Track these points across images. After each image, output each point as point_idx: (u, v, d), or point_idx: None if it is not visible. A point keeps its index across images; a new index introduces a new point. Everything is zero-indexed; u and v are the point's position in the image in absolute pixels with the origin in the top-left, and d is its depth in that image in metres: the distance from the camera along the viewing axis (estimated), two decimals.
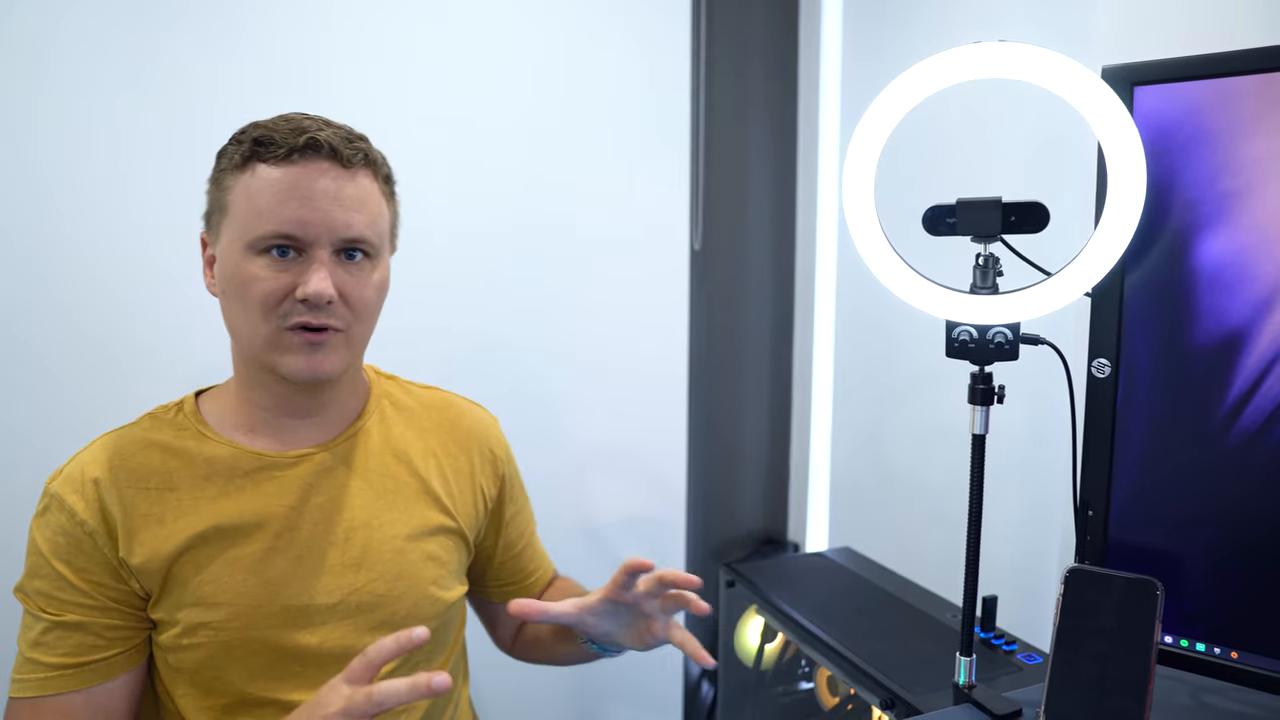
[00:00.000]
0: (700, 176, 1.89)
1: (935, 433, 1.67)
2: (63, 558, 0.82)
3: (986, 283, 0.84)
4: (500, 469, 1.04)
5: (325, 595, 0.87)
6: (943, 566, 1.55)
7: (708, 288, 1.94)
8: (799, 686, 1.40)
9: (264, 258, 0.81)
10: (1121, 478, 0.86)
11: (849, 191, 0.85)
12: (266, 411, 0.89)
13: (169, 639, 0.84)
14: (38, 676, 0.81)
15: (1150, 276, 0.82)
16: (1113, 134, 0.74)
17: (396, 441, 0.96)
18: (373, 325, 0.89)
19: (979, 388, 0.87)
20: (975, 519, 0.89)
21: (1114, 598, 0.80)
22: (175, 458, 0.86)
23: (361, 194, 0.83)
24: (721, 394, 2.01)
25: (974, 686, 0.90)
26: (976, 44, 0.78)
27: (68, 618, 0.82)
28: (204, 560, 0.84)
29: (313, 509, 0.88)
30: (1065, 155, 1.32)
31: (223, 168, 0.84)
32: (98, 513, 0.83)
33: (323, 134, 0.81)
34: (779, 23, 1.97)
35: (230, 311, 0.85)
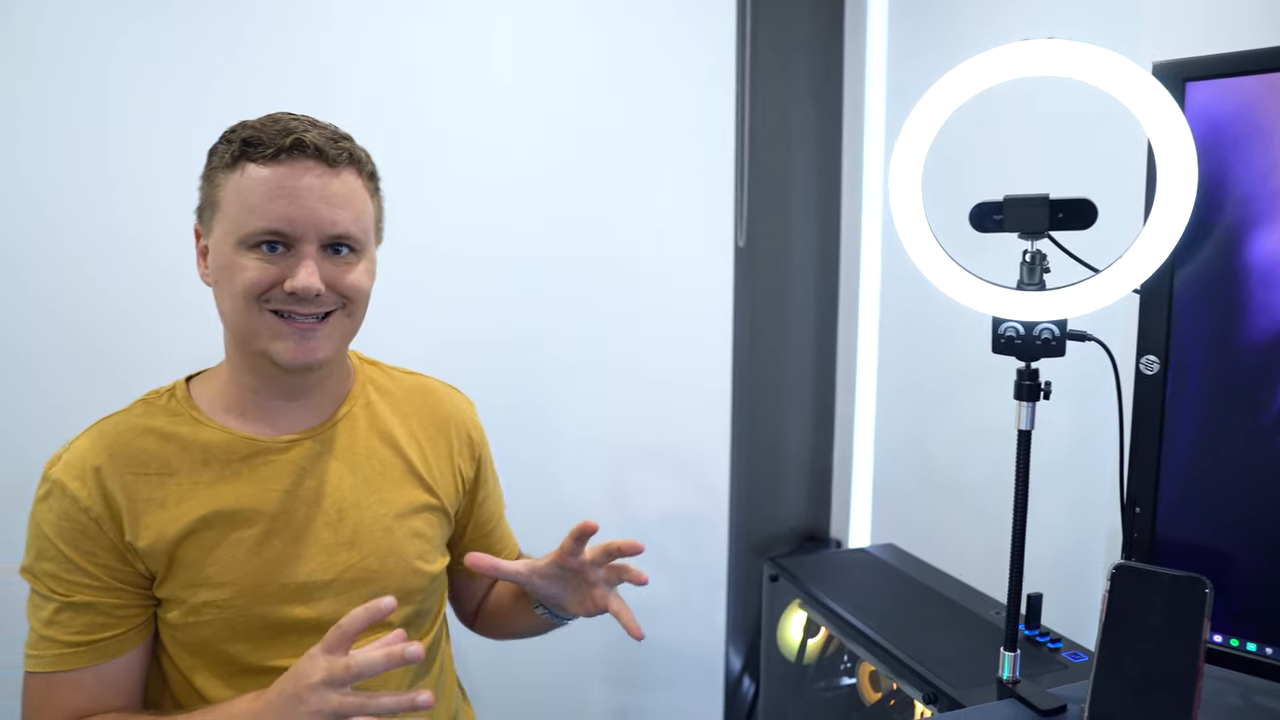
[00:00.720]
0: (745, 174, 1.89)
1: (979, 430, 1.66)
2: (69, 541, 0.85)
3: (1033, 279, 0.84)
4: (476, 451, 1.08)
5: (321, 573, 0.91)
6: (985, 564, 1.54)
7: (752, 285, 1.95)
8: (841, 682, 1.40)
9: (254, 253, 0.84)
10: (1170, 475, 0.85)
11: (896, 188, 0.86)
12: (257, 395, 0.92)
13: (176, 617, 0.88)
14: (53, 653, 0.85)
15: (1200, 273, 0.82)
16: (1164, 130, 0.74)
17: (381, 425, 1.00)
18: (361, 315, 0.92)
19: (1025, 384, 0.87)
20: (1021, 515, 0.90)
21: (1161, 595, 0.80)
22: (171, 443, 0.90)
23: (346, 191, 0.87)
24: (765, 390, 2.01)
25: (1018, 682, 0.91)
26: (1025, 41, 0.78)
27: (77, 598, 0.85)
28: (207, 543, 0.88)
29: (306, 492, 0.92)
30: (1110, 151, 1.31)
31: (214, 165, 0.88)
32: (100, 498, 0.86)
33: (309, 135, 0.84)
34: (824, 20, 1.97)
35: (221, 300, 0.88)
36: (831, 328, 2.06)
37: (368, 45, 1.48)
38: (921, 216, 0.86)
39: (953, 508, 1.73)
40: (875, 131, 1.92)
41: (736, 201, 1.87)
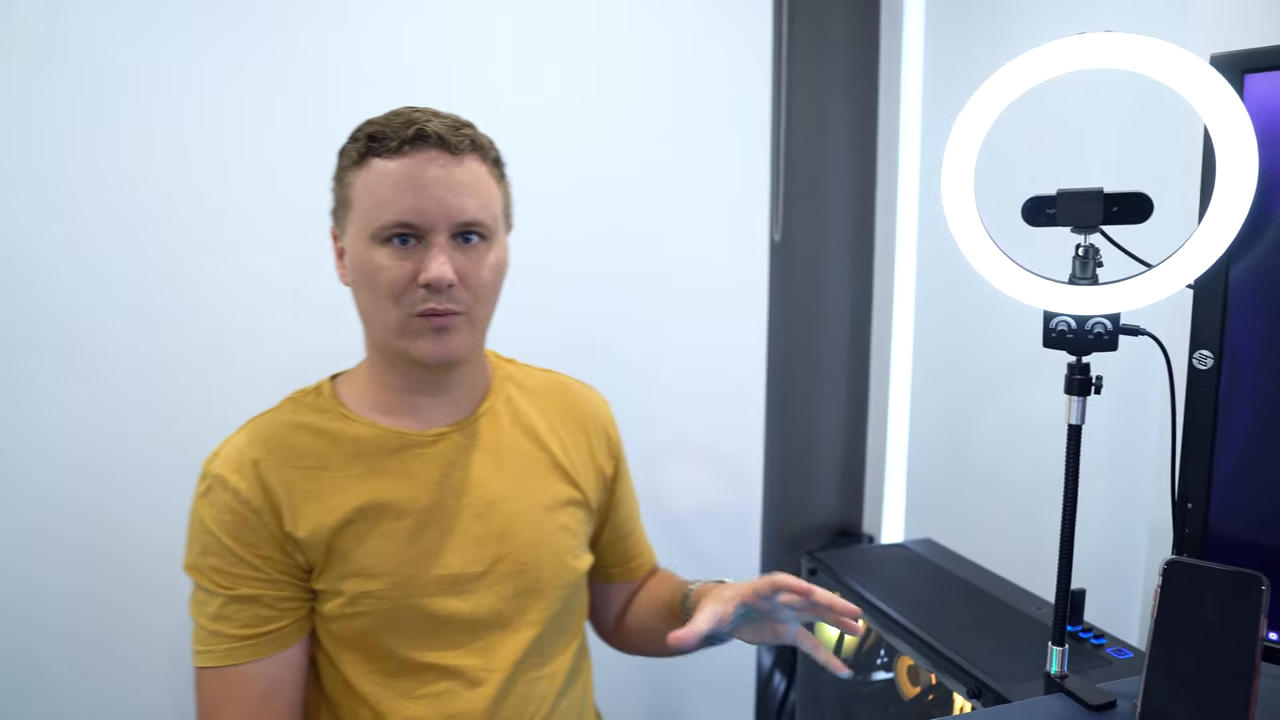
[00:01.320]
0: (781, 169, 1.89)
1: (1016, 426, 1.65)
2: (231, 534, 0.87)
3: (1086, 273, 0.84)
4: (614, 449, 1.09)
5: (473, 565, 0.93)
6: (1022, 560, 1.53)
7: (787, 280, 1.95)
8: (879, 676, 1.40)
9: (386, 247, 0.86)
10: (1223, 470, 0.85)
11: (949, 183, 0.86)
12: (401, 392, 0.94)
13: (333, 609, 0.90)
14: (223, 647, 0.87)
15: (1257, 267, 0.81)
16: (1224, 123, 0.74)
17: (523, 420, 1.01)
18: (493, 305, 0.94)
19: (1076, 378, 0.87)
20: (1070, 509, 0.89)
21: (1215, 591, 0.79)
22: (323, 438, 0.92)
23: (471, 179, 0.88)
24: (799, 385, 2.01)
25: (1066, 677, 0.90)
26: (1083, 34, 0.78)
27: (241, 591, 0.87)
28: (363, 534, 0.89)
29: (454, 484, 0.94)
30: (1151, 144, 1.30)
31: (343, 165, 0.90)
32: (260, 491, 0.88)
33: (430, 125, 0.85)
34: (860, 15, 1.96)
35: (361, 300, 0.91)
36: (866, 323, 2.06)
37: (409, 46, 1.49)
38: (974, 211, 0.86)
39: (989, 503, 1.72)
40: (911, 126, 1.92)
41: (772, 197, 1.87)
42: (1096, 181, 0.83)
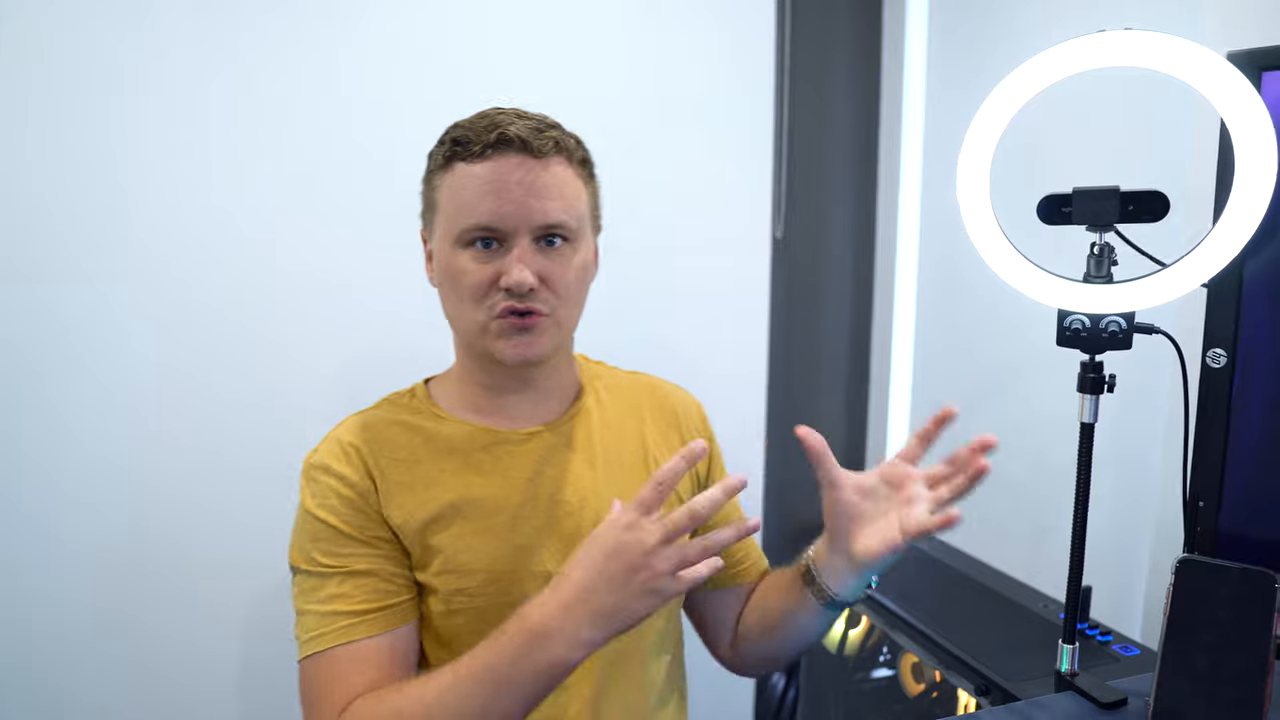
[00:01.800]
0: (784, 165, 1.89)
1: (1018, 423, 1.65)
2: (341, 516, 0.88)
3: (1101, 272, 0.84)
4: (709, 449, 1.06)
5: (568, 563, 0.89)
6: (1026, 557, 1.54)
7: (789, 276, 1.95)
8: (882, 673, 1.41)
9: (470, 250, 0.87)
10: (1235, 469, 0.85)
11: (964, 181, 0.86)
12: (490, 391, 0.95)
13: (431, 606, 0.89)
14: (340, 625, 0.84)
15: (1271, 266, 0.81)
16: (1243, 121, 0.74)
17: (615, 420, 1.01)
18: (579, 306, 0.94)
19: (1090, 376, 0.87)
20: (1082, 507, 0.90)
21: (1228, 589, 0.80)
22: (417, 435, 0.93)
23: (555, 181, 0.87)
24: (799, 382, 2.01)
25: (1076, 674, 0.91)
26: (1103, 32, 0.78)
27: (357, 566, 0.87)
28: (456, 529, 0.89)
29: (547, 481, 0.93)
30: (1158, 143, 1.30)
31: (431, 169, 0.91)
32: (364, 473, 0.89)
33: (513, 128, 0.85)
34: (863, 13, 1.96)
35: (447, 302, 0.92)
36: (866, 320, 2.06)
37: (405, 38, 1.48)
38: (990, 210, 0.86)
39: (991, 501, 1.71)
40: (913, 124, 1.92)
41: (775, 193, 1.87)
42: (1099, 179, 0.83)
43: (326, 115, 1.43)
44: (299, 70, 1.40)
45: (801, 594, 0.93)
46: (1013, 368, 1.67)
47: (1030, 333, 1.62)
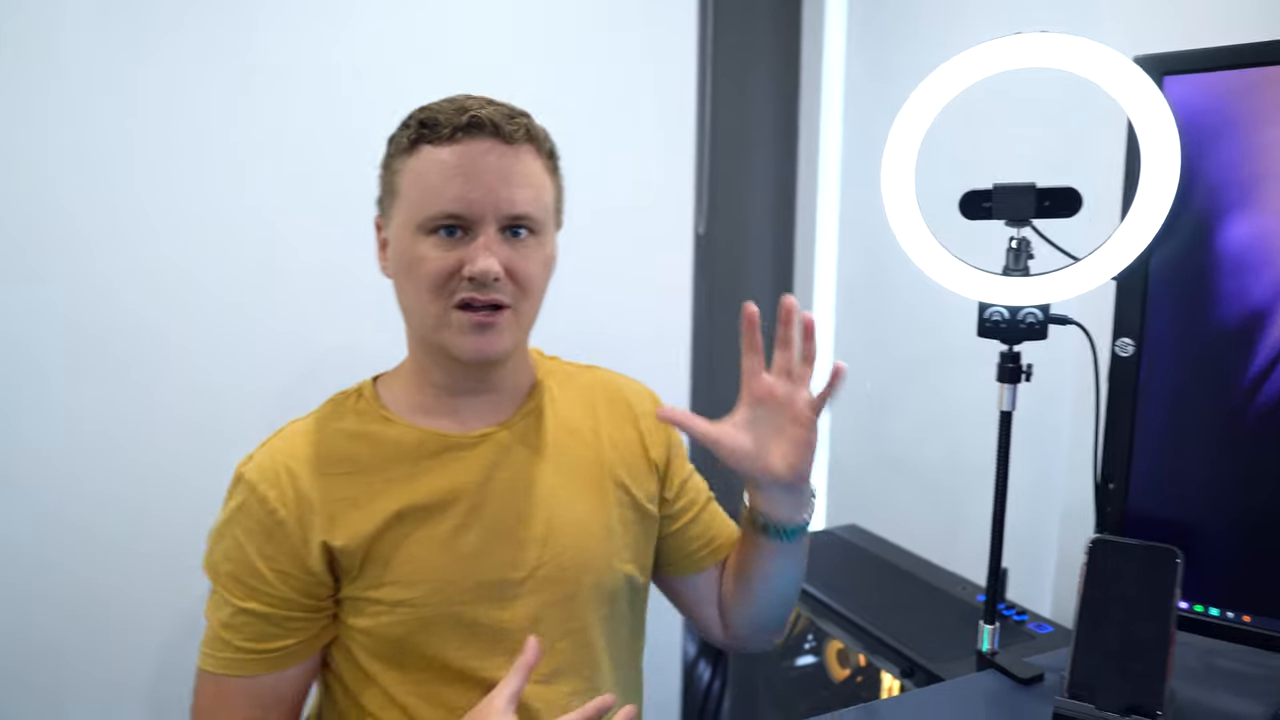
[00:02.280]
0: (706, 163, 1.91)
1: (934, 417, 1.71)
2: (254, 544, 0.84)
3: (1019, 265, 0.88)
4: (665, 437, 1.04)
5: (515, 569, 0.89)
6: (941, 542, 1.59)
7: (711, 272, 1.97)
8: (808, 660, 1.44)
9: (432, 238, 0.83)
10: (1142, 452, 0.90)
11: (889, 180, 0.88)
12: (442, 391, 0.91)
13: (367, 621, 0.86)
14: (226, 655, 0.84)
15: (1174, 259, 0.86)
16: (1149, 122, 0.78)
17: (569, 419, 0.98)
18: (539, 302, 0.91)
19: (1008, 366, 0.91)
20: (1001, 492, 0.93)
21: (1135, 565, 0.84)
22: (362, 442, 0.89)
23: (525, 170, 0.85)
24: (722, 376, 2.04)
25: (996, 653, 0.94)
26: (1019, 34, 0.81)
27: (250, 605, 0.84)
28: (400, 539, 0.86)
29: (498, 485, 0.90)
30: (1072, 142, 1.36)
31: (391, 153, 0.87)
32: (291, 501, 0.85)
33: (484, 112, 0.83)
34: (783, 12, 2.00)
35: (402, 292, 0.87)
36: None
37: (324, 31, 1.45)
38: (915, 207, 0.88)
39: (907, 489, 1.78)
40: (832, 123, 1.96)
41: (697, 190, 1.89)
42: (1000, 179, 0.86)
43: (262, 113, 1.38)
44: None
45: (755, 539, 0.93)
46: (929, 362, 1.73)
47: (945, 328, 1.68)
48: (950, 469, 1.66)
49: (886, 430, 1.85)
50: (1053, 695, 0.83)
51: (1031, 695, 0.87)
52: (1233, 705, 0.82)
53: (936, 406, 1.70)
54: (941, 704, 0.87)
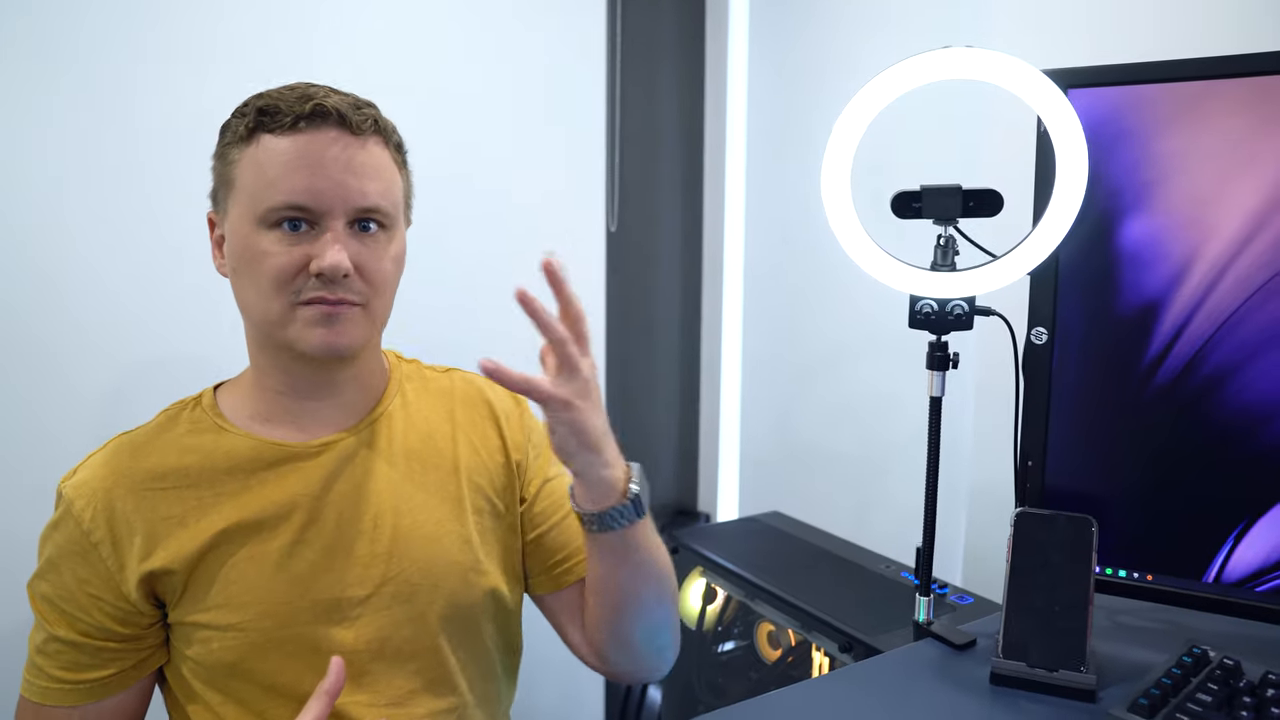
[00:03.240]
0: (617, 162, 1.94)
1: (843, 405, 1.80)
2: (68, 565, 0.80)
3: (946, 261, 0.94)
4: (527, 437, 0.98)
5: (357, 587, 0.83)
6: (857, 525, 1.68)
7: (622, 268, 2.00)
8: (739, 644, 1.49)
9: (275, 232, 0.77)
10: (1056, 431, 0.98)
11: (828, 183, 0.93)
12: (284, 397, 0.85)
13: (196, 649, 0.81)
14: (40, 684, 0.80)
15: (1081, 255, 0.95)
16: (1063, 132, 0.85)
17: (422, 423, 0.92)
18: (391, 300, 0.86)
19: (937, 354, 0.97)
20: (933, 473, 1.00)
21: (1056, 534, 0.92)
22: (192, 454, 0.83)
23: (374, 162, 0.80)
24: (635, 370, 2.07)
25: (932, 623, 1.01)
26: (946, 49, 0.87)
27: (60, 632, 0.80)
28: (227, 558, 0.80)
29: (337, 497, 0.84)
30: (974, 146, 1.46)
31: (227, 141, 0.80)
32: (106, 522, 0.79)
33: (330, 100, 0.78)
34: (688, 14, 2.05)
35: (241, 290, 0.81)
36: (696, 309, 2.15)
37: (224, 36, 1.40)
38: (850, 208, 0.93)
39: (818, 476, 1.86)
40: (737, 121, 2.02)
41: (608, 188, 1.91)
42: (921, 181, 0.93)
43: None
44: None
45: (590, 539, 0.85)
46: (836, 352, 1.81)
47: (852, 320, 1.76)
48: (861, 454, 1.74)
49: (798, 420, 1.92)
50: (988, 657, 0.90)
51: (968, 659, 0.94)
52: (1140, 656, 0.91)
53: (845, 395, 1.79)
54: (889, 672, 0.92)
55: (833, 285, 1.80)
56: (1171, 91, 0.90)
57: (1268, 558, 0.90)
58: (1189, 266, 0.90)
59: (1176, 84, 0.89)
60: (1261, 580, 0.91)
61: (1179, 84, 0.89)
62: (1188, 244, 0.90)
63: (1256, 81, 0.87)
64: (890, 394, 1.65)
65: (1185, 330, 0.91)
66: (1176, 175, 0.90)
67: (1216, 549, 0.92)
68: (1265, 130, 0.86)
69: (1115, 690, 0.85)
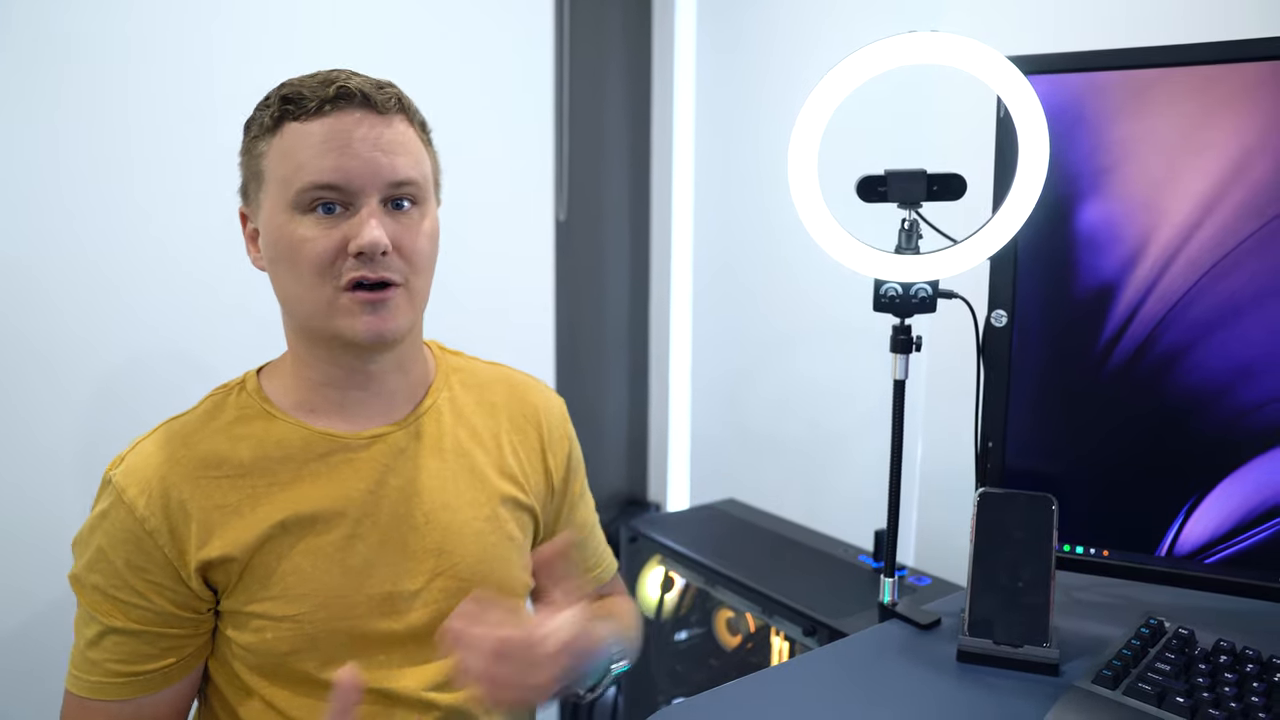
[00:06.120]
0: (565, 152, 1.92)
1: (794, 392, 1.81)
2: (122, 554, 0.77)
3: (910, 244, 0.95)
4: (567, 448, 1.01)
5: (410, 581, 0.85)
6: (809, 510, 1.69)
7: (571, 257, 1.99)
8: (696, 631, 1.49)
9: (310, 216, 0.77)
10: (1016, 412, 1.00)
11: (794, 168, 0.93)
12: (327, 388, 0.85)
13: (248, 636, 0.80)
14: (92, 680, 0.78)
15: (1038, 238, 0.96)
16: (1026, 117, 0.87)
17: (469, 418, 0.93)
18: (430, 279, 0.86)
19: (901, 338, 0.98)
20: (897, 456, 1.01)
21: (1018, 513, 0.94)
22: (243, 442, 0.82)
23: (400, 139, 0.81)
24: (585, 362, 2.06)
25: (896, 604, 1.02)
26: (912, 33, 0.87)
27: (119, 624, 0.77)
28: (285, 550, 0.80)
29: (390, 492, 0.85)
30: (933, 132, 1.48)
31: (253, 135, 0.80)
32: (161, 509, 0.77)
33: (352, 82, 0.78)
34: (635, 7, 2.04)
35: (281, 281, 0.81)
36: (644, 298, 2.15)
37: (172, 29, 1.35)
38: (817, 192, 0.93)
39: (768, 463, 1.87)
40: (685, 108, 2.02)
41: (557, 178, 1.89)
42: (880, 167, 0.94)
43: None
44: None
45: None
46: (785, 340, 1.82)
47: (800, 307, 1.78)
48: (811, 440, 1.76)
49: (749, 407, 1.93)
50: (955, 636, 0.91)
51: (933, 638, 0.95)
52: (1099, 629, 0.94)
53: (794, 382, 1.80)
54: (858, 653, 0.93)
55: (782, 272, 1.81)
56: (1126, 79, 0.92)
57: (1216, 530, 0.94)
58: (1142, 250, 0.92)
59: (1131, 71, 0.92)
60: (1211, 552, 0.94)
61: (1133, 71, 0.91)
62: (1141, 228, 0.92)
63: (1204, 70, 0.89)
64: (839, 380, 1.67)
65: (1139, 312, 0.93)
66: (1130, 161, 0.92)
67: (1168, 524, 0.95)
68: (1212, 118, 0.89)
69: (1078, 664, 0.87)
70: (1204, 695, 0.75)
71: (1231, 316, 0.90)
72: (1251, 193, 0.87)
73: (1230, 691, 0.76)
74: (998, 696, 0.83)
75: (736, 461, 1.97)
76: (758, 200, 1.82)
